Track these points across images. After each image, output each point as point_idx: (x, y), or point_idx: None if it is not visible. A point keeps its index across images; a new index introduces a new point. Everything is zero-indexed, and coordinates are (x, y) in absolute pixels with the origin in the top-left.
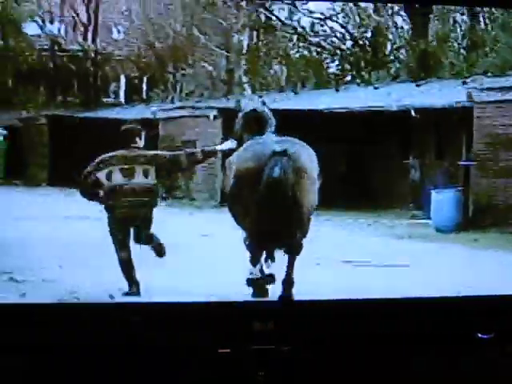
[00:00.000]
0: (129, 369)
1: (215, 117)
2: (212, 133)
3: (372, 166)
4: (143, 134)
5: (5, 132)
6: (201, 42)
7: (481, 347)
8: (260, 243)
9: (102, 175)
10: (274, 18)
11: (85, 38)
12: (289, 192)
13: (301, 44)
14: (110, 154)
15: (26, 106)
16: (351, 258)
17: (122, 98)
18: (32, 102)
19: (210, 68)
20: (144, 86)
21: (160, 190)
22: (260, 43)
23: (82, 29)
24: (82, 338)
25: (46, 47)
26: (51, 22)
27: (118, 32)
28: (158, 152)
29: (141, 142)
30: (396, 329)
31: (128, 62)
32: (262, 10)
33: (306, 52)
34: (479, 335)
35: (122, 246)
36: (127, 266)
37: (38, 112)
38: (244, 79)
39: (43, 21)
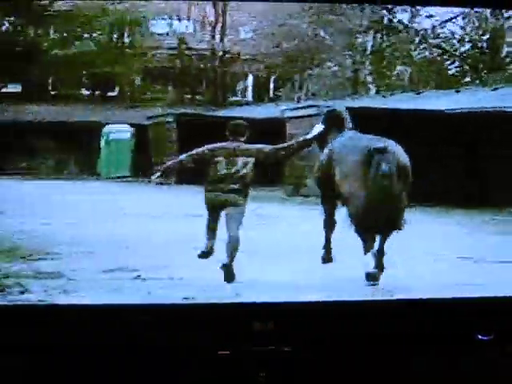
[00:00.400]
0: (128, 370)
1: None
2: None
3: (489, 165)
4: (247, 130)
5: (132, 130)
6: (326, 42)
7: (480, 348)
8: (368, 231)
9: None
10: (396, 20)
11: (213, 37)
12: (395, 186)
13: (422, 46)
14: (217, 144)
15: (154, 104)
16: (468, 255)
17: (249, 97)
18: (160, 101)
19: (336, 68)
20: (271, 85)
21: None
22: (384, 45)
23: (209, 28)
24: (82, 339)
25: (173, 46)
26: (179, 20)
27: (246, 32)
28: (259, 146)
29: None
30: (395, 329)
31: (255, 61)
32: (384, 12)
33: (427, 53)
34: (479, 336)
35: (213, 220)
36: (210, 235)
37: (165, 110)
38: (369, 79)
39: (171, 19)
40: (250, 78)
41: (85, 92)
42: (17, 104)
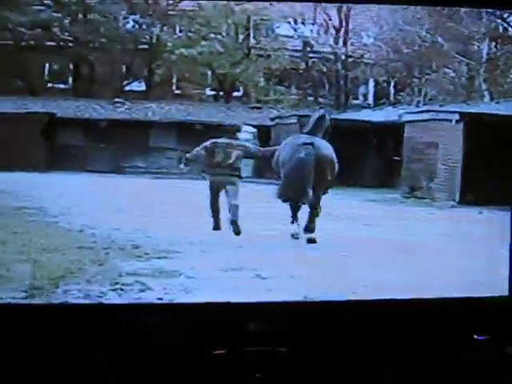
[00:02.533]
0: (123, 370)
1: (457, 121)
2: (454, 135)
3: None
4: (241, 129)
5: (255, 130)
6: (444, 48)
7: (477, 349)
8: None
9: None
10: (511, 29)
11: (336, 41)
12: (308, 170)
13: None
14: (218, 140)
15: (277, 105)
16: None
17: (370, 101)
18: (283, 102)
19: (452, 74)
20: (391, 90)
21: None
22: (498, 52)
23: (333, 32)
24: (79, 339)
25: (297, 48)
26: (304, 23)
27: (368, 37)
28: (245, 144)
29: (241, 135)
30: (393, 330)
31: (377, 66)
32: (500, 20)
33: None
34: (475, 337)
35: (213, 201)
36: (215, 213)
37: (288, 111)
38: (483, 86)
39: (296, 22)
40: (371, 82)
41: (209, 92)
42: (141, 102)
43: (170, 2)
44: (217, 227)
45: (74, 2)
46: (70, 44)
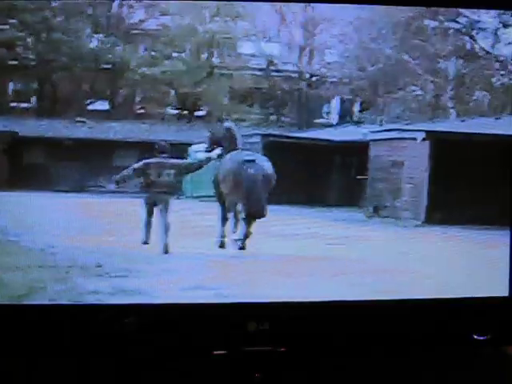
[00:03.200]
0: (121, 371)
1: (423, 139)
2: (419, 154)
3: None
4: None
5: (218, 149)
6: (410, 66)
7: (476, 348)
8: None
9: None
10: (477, 46)
11: (300, 60)
12: (258, 185)
13: (501, 72)
14: (150, 160)
15: (240, 124)
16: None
17: (333, 120)
18: (246, 121)
19: (419, 92)
20: (356, 108)
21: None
22: (465, 70)
23: (297, 50)
24: (76, 339)
25: (261, 67)
26: (268, 41)
27: (332, 55)
28: (176, 161)
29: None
30: (391, 330)
31: (341, 84)
32: (467, 37)
33: (506, 80)
34: (475, 337)
35: (148, 216)
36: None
37: (251, 130)
38: (450, 104)
39: (259, 41)
40: (335, 101)
41: (172, 111)
42: (103, 122)
43: (133, 22)
44: (146, 242)
45: (38, 22)
46: (34, 63)
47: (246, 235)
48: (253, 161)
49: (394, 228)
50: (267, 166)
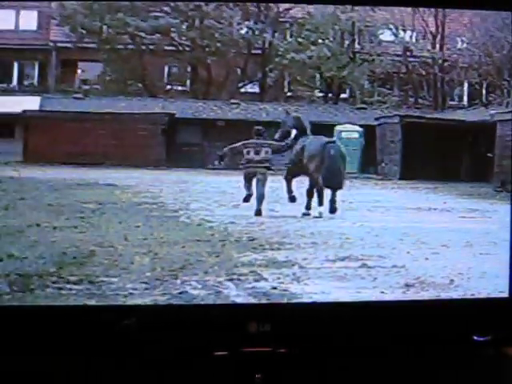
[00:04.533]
0: (122, 371)
1: None
2: None
3: None
4: (265, 131)
5: (361, 129)
6: None
7: (477, 350)
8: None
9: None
10: None
11: (433, 46)
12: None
13: None
14: (248, 141)
15: (380, 106)
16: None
17: (464, 102)
18: (386, 103)
19: None
20: (484, 91)
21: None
22: None
23: (430, 38)
24: (77, 340)
25: (398, 53)
26: (404, 30)
27: (462, 42)
28: (272, 142)
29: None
30: (392, 331)
31: (470, 69)
32: None
33: None
34: (475, 337)
35: (248, 186)
36: (248, 189)
37: (391, 112)
38: None
39: (397, 29)
40: (465, 84)
41: (318, 94)
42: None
43: (281, 9)
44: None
45: (192, 9)
46: (188, 48)
47: (333, 203)
48: (333, 142)
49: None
50: (343, 147)
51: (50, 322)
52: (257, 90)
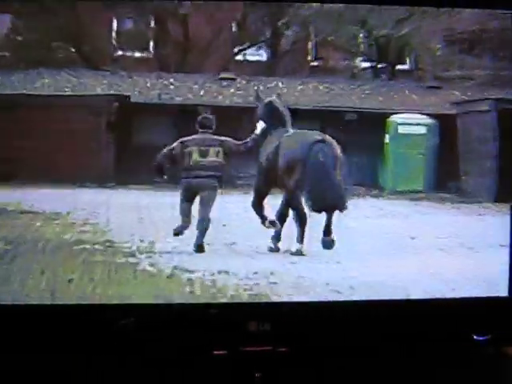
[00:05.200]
0: (123, 371)
1: None
2: None
3: None
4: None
5: (432, 121)
6: None
7: (477, 349)
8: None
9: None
10: None
11: None
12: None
13: None
14: (189, 137)
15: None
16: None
17: None
18: (473, 79)
19: None
20: None
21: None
22: None
23: None
24: (78, 339)
25: None
26: None
27: None
28: (225, 139)
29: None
30: (392, 330)
31: None
32: None
33: None
34: (475, 337)
35: (185, 208)
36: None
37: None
38: None
39: None
40: None
41: (363, 64)
42: None
43: None
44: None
45: None
46: None
47: (327, 233)
48: (322, 141)
49: None
50: (339, 148)
51: (49, 322)
52: (263, 57)
